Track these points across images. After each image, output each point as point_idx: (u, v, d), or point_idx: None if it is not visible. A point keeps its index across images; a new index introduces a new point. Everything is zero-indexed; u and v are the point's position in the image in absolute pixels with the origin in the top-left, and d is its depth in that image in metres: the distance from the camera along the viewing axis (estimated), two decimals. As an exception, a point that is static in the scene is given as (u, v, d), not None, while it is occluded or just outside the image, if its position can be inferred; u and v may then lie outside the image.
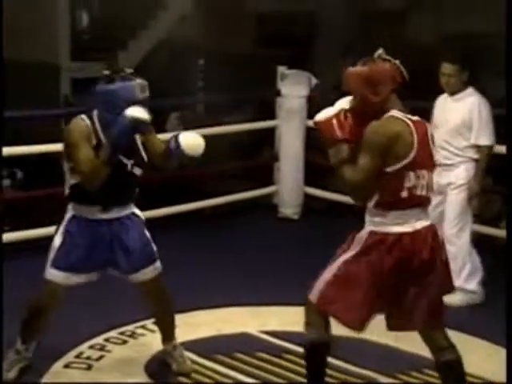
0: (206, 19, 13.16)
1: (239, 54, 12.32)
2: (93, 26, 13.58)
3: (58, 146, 4.08)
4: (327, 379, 3.63)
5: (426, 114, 4.22)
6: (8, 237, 5.11)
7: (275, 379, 3.73)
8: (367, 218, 3.04)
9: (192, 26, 13.33)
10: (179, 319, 4.16)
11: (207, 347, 3.98)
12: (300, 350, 3.93)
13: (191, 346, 3.93)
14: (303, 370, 3.76)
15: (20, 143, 5.64)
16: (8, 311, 3.72)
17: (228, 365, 3.81)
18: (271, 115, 6.90)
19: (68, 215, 3.53)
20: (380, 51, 3.00)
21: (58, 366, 3.76)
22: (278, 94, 6.73)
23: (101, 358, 3.88)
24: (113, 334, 4.13)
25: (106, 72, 3.42)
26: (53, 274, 3.51)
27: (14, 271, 4.48)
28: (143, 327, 4.20)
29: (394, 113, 2.96)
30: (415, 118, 3.01)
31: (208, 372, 3.76)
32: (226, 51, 12.47)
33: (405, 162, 2.92)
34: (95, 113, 3.44)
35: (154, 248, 3.62)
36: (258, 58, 11.60)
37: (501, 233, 5.35)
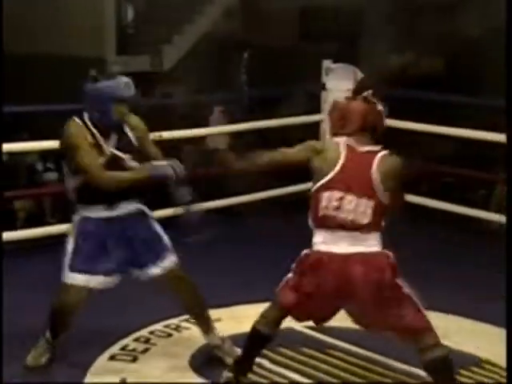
0: (250, 13, 13.15)
1: (284, 47, 12.28)
2: (138, 20, 13.65)
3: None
4: (384, 379, 3.62)
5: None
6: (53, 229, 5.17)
7: (320, 375, 3.70)
8: None
9: (237, 19, 13.34)
10: (222, 313, 4.18)
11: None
12: (346, 345, 3.93)
13: (235, 340, 3.92)
14: (348, 366, 3.75)
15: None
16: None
17: (273, 360, 3.79)
18: (316, 109, 6.86)
19: (77, 217, 3.60)
20: (369, 92, 3.23)
21: (104, 358, 3.79)
22: (323, 87, 6.68)
23: (146, 350, 3.89)
24: (158, 326, 4.15)
25: (93, 72, 3.52)
26: (72, 278, 3.55)
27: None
28: (188, 321, 4.19)
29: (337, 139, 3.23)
30: (368, 148, 3.20)
31: (257, 369, 3.73)
32: (271, 45, 12.44)
33: (322, 182, 3.15)
34: (84, 112, 3.54)
35: (167, 241, 3.66)
36: (303, 52, 11.54)
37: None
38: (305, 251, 3.23)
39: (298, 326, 4.15)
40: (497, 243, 4.55)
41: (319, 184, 3.16)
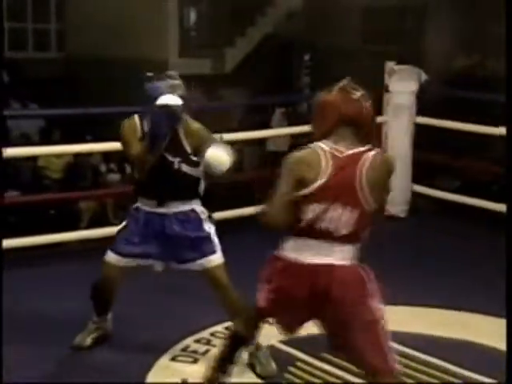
0: (312, 14, 13.10)
1: (346, 49, 12.20)
2: (201, 22, 13.74)
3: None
4: (430, 379, 3.56)
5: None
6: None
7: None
8: None
9: (299, 21, 13.30)
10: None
11: (313, 345, 3.92)
12: (411, 351, 3.86)
13: (296, 343, 3.89)
14: (413, 373, 3.69)
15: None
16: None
17: (334, 364, 3.75)
18: (379, 111, 6.79)
19: (133, 206, 3.81)
20: (346, 81, 2.89)
21: (165, 359, 3.80)
22: (386, 89, 6.61)
23: (207, 352, 3.89)
24: (218, 328, 4.14)
25: (149, 74, 3.73)
26: (108, 256, 3.79)
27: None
28: (248, 323, 4.18)
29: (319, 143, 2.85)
30: (353, 150, 2.81)
31: (314, 371, 3.71)
32: (333, 46, 12.37)
33: (305, 191, 2.79)
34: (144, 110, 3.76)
35: (216, 243, 3.75)
36: (366, 54, 11.45)
37: None
38: (274, 254, 2.94)
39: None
40: None
41: (303, 193, 2.81)
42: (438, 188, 6.86)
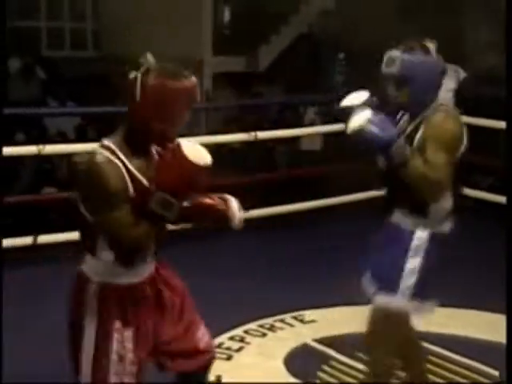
0: (347, 13, 13.06)
1: (380, 48, 12.14)
2: (235, 20, 13.78)
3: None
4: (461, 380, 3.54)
5: None
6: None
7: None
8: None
9: (333, 20, 13.27)
10: (318, 314, 4.17)
11: (346, 344, 3.93)
12: (444, 352, 3.85)
13: (330, 342, 3.90)
14: (446, 374, 3.68)
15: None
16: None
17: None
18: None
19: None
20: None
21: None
22: (422, 88, 6.56)
23: (240, 349, 3.92)
24: (252, 326, 4.17)
25: None
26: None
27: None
28: (282, 321, 4.21)
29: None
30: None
31: (348, 370, 3.71)
32: (367, 46, 12.31)
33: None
34: None
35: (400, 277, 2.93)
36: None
37: None
38: None
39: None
40: None
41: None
42: (473, 186, 6.78)
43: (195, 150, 2.37)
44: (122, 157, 2.36)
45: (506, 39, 3.21)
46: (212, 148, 2.66)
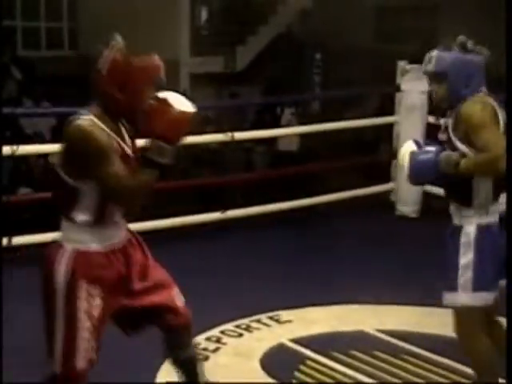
0: (324, 14, 13.10)
1: (357, 48, 12.20)
2: (212, 21, 13.77)
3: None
4: (440, 379, 3.55)
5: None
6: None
7: (393, 379, 3.64)
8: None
9: (310, 20, 13.31)
10: (294, 314, 4.17)
11: (323, 344, 3.93)
12: (418, 350, 3.86)
13: (306, 341, 3.90)
14: (421, 371, 3.69)
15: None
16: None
17: (345, 363, 3.75)
18: (391, 111, 6.79)
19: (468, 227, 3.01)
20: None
21: (175, 356, 3.80)
22: (398, 89, 6.60)
23: (217, 349, 3.91)
24: (229, 326, 4.16)
25: None
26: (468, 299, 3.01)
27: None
28: (258, 321, 4.21)
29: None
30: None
31: (324, 369, 3.71)
32: (344, 46, 12.37)
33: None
34: None
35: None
36: (377, 53, 11.45)
37: None
38: None
39: (371, 330, 4.13)
40: None
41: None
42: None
43: (180, 100, 2.60)
44: (102, 125, 2.55)
45: (506, 39, 3.24)
46: (189, 148, 2.69)
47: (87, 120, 2.54)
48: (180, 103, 2.59)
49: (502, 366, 2.86)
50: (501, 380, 3.05)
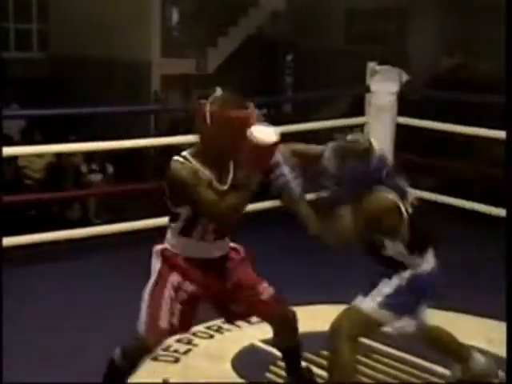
0: (296, 15, 13.13)
1: (328, 49, 12.25)
2: (183, 22, 13.74)
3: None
4: (412, 379, 3.57)
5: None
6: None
7: (363, 379, 3.66)
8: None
9: (282, 22, 13.33)
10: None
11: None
12: (388, 349, 3.88)
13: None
14: (391, 371, 3.71)
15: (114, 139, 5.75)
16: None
17: (315, 363, 3.76)
18: (362, 112, 6.82)
19: None
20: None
21: (146, 358, 3.78)
22: (368, 90, 6.64)
23: (188, 351, 3.90)
24: (200, 328, 4.15)
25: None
26: None
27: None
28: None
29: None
30: None
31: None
32: (316, 47, 12.41)
33: None
34: None
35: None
36: (348, 54, 11.50)
37: None
38: None
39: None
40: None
41: None
42: (420, 188, 6.87)
43: (262, 131, 3.02)
44: (193, 161, 3.04)
45: (506, 39, 3.26)
46: (160, 149, 2.75)
47: (178, 161, 3.03)
48: (264, 135, 3.01)
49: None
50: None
